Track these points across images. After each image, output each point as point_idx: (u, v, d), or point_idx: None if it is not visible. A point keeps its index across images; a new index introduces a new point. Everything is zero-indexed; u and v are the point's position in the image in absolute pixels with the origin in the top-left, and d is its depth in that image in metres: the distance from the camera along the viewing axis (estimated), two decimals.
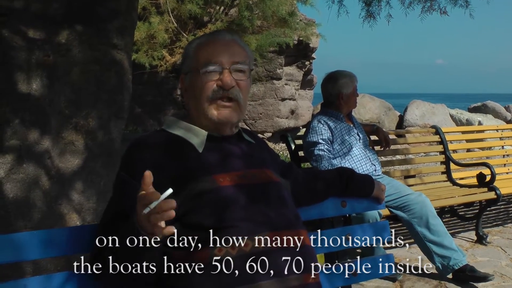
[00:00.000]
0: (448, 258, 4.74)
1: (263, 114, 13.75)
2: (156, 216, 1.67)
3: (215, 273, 1.89)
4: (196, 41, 2.31)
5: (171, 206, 1.67)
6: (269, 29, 11.43)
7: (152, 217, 1.67)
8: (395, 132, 7.02)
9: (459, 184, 6.42)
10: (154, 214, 1.67)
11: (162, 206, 1.66)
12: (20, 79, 3.14)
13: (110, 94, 3.53)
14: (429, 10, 6.57)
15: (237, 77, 2.21)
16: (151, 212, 1.66)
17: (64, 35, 3.33)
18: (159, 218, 1.67)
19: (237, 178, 2.12)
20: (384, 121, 17.43)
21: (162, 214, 1.67)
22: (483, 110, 20.54)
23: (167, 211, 1.67)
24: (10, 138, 3.09)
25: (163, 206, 1.66)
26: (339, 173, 2.76)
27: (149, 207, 1.65)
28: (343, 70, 5.36)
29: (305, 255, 2.08)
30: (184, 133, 2.21)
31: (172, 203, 1.67)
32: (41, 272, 3.05)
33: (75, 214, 3.32)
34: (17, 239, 2.01)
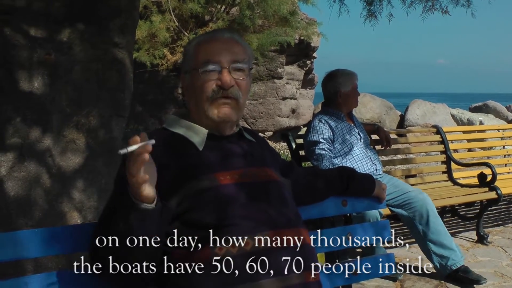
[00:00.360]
0: (447, 258, 4.76)
1: (264, 113, 13.76)
2: (135, 158, 1.69)
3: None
4: (196, 40, 2.31)
5: (147, 149, 1.69)
6: (270, 28, 11.44)
7: (130, 162, 1.71)
8: (396, 132, 7.02)
9: (460, 184, 6.43)
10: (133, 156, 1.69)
11: (140, 148, 1.68)
12: (21, 77, 3.15)
13: (112, 93, 3.54)
14: (431, 9, 6.57)
15: (237, 76, 2.20)
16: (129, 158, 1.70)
17: (65, 33, 3.34)
18: (136, 159, 1.69)
19: (238, 176, 2.12)
20: (385, 120, 17.42)
21: (139, 156, 1.69)
22: (484, 110, 20.53)
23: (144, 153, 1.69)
24: (12, 136, 3.09)
25: (141, 148, 1.68)
26: (340, 172, 2.76)
27: (127, 149, 1.67)
28: (344, 68, 5.35)
29: (305, 254, 2.08)
30: (185, 131, 2.21)
31: (148, 146, 1.69)
32: (42, 270, 3.05)
33: (76, 213, 3.32)
34: (18, 237, 2.01)
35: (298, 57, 14.64)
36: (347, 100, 5.23)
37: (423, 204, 4.82)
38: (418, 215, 4.82)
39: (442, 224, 4.89)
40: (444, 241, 4.80)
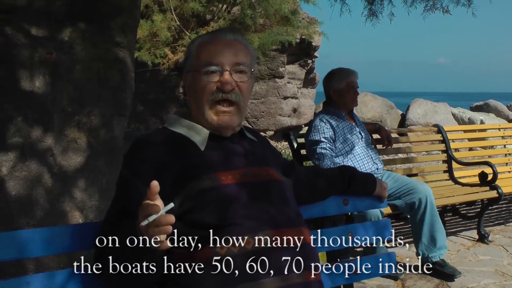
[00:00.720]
0: (431, 250, 4.90)
1: (265, 113, 13.76)
2: (154, 230, 1.67)
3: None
4: (199, 40, 2.30)
5: (169, 221, 1.66)
6: (271, 27, 11.43)
7: (150, 230, 1.67)
8: (397, 131, 7.02)
9: (461, 183, 6.42)
10: (152, 227, 1.66)
11: (161, 220, 1.65)
12: (23, 76, 3.15)
13: (113, 92, 3.54)
14: (432, 8, 6.56)
15: (238, 78, 2.19)
16: (149, 225, 1.66)
17: (67, 32, 3.34)
18: (156, 232, 1.67)
19: (239, 176, 2.12)
20: (386, 119, 17.42)
21: (159, 228, 1.66)
22: (485, 109, 20.54)
23: (165, 226, 1.66)
24: (13, 135, 3.09)
25: (162, 220, 1.66)
26: (341, 172, 2.76)
27: (148, 219, 1.65)
28: (343, 67, 5.34)
29: (306, 254, 2.08)
30: (186, 131, 2.21)
31: (171, 218, 1.66)
32: (43, 270, 3.06)
33: (78, 212, 3.33)
34: (20, 237, 2.01)
35: (299, 56, 14.63)
36: (340, 97, 5.22)
37: (425, 193, 4.90)
38: (417, 202, 4.88)
39: (438, 218, 4.97)
40: (436, 234, 4.90)
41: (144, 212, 1.67)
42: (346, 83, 5.17)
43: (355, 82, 5.21)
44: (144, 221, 1.65)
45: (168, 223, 1.66)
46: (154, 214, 1.65)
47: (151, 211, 1.65)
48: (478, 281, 4.82)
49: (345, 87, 5.18)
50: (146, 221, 1.65)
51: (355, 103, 5.28)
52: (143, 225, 1.65)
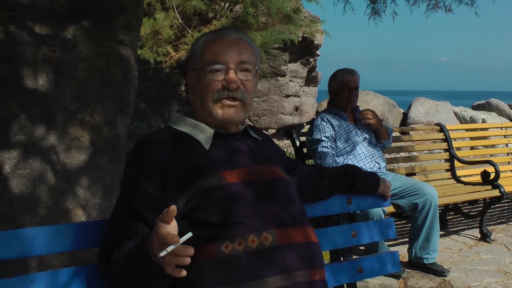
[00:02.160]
0: (424, 251, 5.00)
1: (267, 111, 13.76)
2: (171, 259, 1.66)
3: (221, 269, 1.90)
4: (203, 38, 2.30)
5: (188, 254, 1.65)
6: (273, 25, 11.42)
7: (167, 258, 1.66)
8: (400, 130, 7.02)
9: (463, 182, 6.44)
10: (170, 256, 1.65)
11: (179, 251, 1.64)
12: (26, 74, 3.15)
13: (116, 90, 3.54)
14: (434, 7, 6.56)
15: (243, 76, 2.20)
16: (167, 254, 1.65)
17: (70, 30, 3.34)
18: (174, 261, 1.66)
19: (244, 174, 2.12)
20: (388, 118, 17.44)
21: (177, 259, 1.65)
22: (487, 107, 20.57)
23: (183, 258, 1.66)
24: (16, 133, 3.09)
25: (180, 252, 1.64)
26: (345, 170, 2.76)
27: (166, 250, 1.63)
28: (346, 67, 5.34)
29: (311, 252, 2.08)
30: (190, 130, 2.21)
31: (190, 250, 1.65)
32: (46, 268, 3.06)
33: (81, 210, 3.33)
34: (23, 235, 2.02)
35: (301, 54, 14.63)
36: (336, 97, 5.23)
37: (431, 196, 4.96)
38: (422, 204, 4.93)
39: (438, 221, 5.03)
40: (432, 237, 5.00)
41: (161, 241, 1.66)
42: (340, 82, 5.19)
43: (351, 81, 5.18)
44: (163, 252, 1.63)
45: (187, 255, 1.65)
46: (172, 244, 1.63)
47: (170, 241, 1.63)
48: (480, 280, 4.83)
49: (339, 86, 5.19)
50: (165, 251, 1.63)
51: (350, 103, 5.23)
52: (161, 256, 1.64)
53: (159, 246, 1.67)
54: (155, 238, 1.71)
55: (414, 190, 4.97)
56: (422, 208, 4.91)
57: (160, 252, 1.65)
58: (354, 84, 5.19)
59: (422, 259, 4.98)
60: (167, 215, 1.67)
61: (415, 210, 4.96)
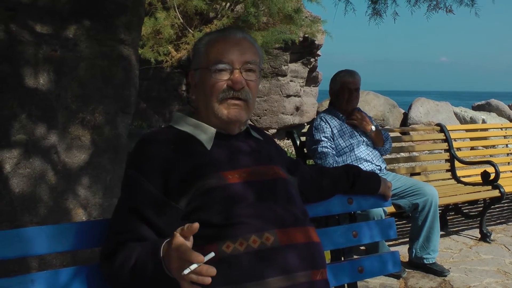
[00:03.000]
0: (425, 251, 5.01)
1: (268, 111, 13.75)
2: (192, 277, 1.65)
3: (223, 269, 1.89)
4: (207, 38, 2.29)
5: (211, 274, 1.65)
6: (274, 25, 11.41)
7: (187, 276, 1.65)
8: (400, 130, 7.01)
9: (463, 182, 6.44)
10: (191, 275, 1.65)
11: (202, 271, 1.64)
12: (27, 73, 3.15)
13: (117, 90, 3.53)
14: (435, 8, 6.55)
15: (247, 77, 2.21)
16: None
17: (71, 30, 3.33)
18: (195, 280, 1.65)
19: (246, 174, 2.12)
20: (388, 118, 17.44)
21: (198, 278, 1.65)
22: (487, 108, 20.59)
23: (206, 278, 1.65)
24: (17, 132, 3.09)
25: (203, 271, 1.65)
26: (346, 170, 2.76)
27: (190, 268, 1.63)
28: (348, 69, 5.34)
29: (312, 252, 2.08)
30: (192, 130, 2.21)
31: (213, 270, 1.65)
32: (47, 267, 3.06)
33: (81, 209, 3.32)
34: (24, 234, 2.02)
35: (302, 54, 14.62)
36: (336, 98, 5.24)
37: (432, 196, 4.97)
38: (423, 204, 4.93)
39: (438, 221, 5.05)
40: (432, 237, 5.01)
41: (183, 257, 1.66)
42: (340, 84, 5.19)
43: (351, 83, 5.18)
44: (187, 270, 1.63)
45: (209, 275, 1.65)
46: (195, 263, 1.63)
47: (194, 259, 1.63)
48: (480, 280, 4.84)
49: (339, 88, 5.19)
50: (188, 269, 1.63)
51: (350, 104, 5.23)
52: (185, 274, 1.64)
53: (178, 260, 1.68)
54: (173, 252, 1.70)
55: (414, 190, 4.97)
56: (423, 208, 4.91)
57: (181, 269, 1.64)
58: (354, 85, 5.18)
59: (422, 259, 4.99)
60: (189, 231, 1.68)
61: (415, 210, 4.97)
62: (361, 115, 5.22)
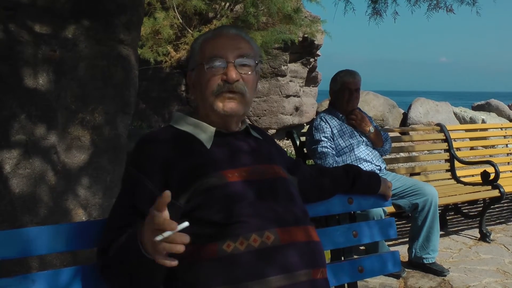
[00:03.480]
0: (424, 251, 5.02)
1: (267, 111, 13.74)
2: (165, 246, 1.64)
3: (223, 268, 1.90)
4: (202, 37, 2.32)
5: (184, 241, 1.64)
6: (274, 25, 11.41)
7: (161, 245, 1.64)
8: (400, 130, 7.01)
9: (463, 182, 6.45)
10: (164, 243, 1.63)
11: (176, 238, 1.63)
12: (26, 74, 3.14)
13: (117, 90, 3.53)
14: (435, 8, 6.55)
15: (242, 71, 2.21)
16: (161, 241, 1.63)
17: (71, 30, 3.33)
18: (168, 248, 1.64)
19: (246, 173, 2.12)
20: (388, 118, 17.43)
21: (171, 246, 1.64)
22: (486, 108, 20.61)
23: (178, 244, 1.64)
24: (17, 133, 3.09)
25: (177, 239, 1.63)
26: (346, 170, 2.75)
27: (163, 235, 1.60)
28: (348, 69, 5.33)
29: (313, 251, 2.08)
30: (192, 129, 2.21)
31: (186, 237, 1.64)
32: (47, 268, 3.05)
33: (81, 210, 3.32)
34: (24, 235, 2.02)
35: (301, 55, 14.60)
36: (337, 98, 5.24)
37: (431, 196, 4.97)
38: (422, 204, 4.94)
39: (438, 221, 5.05)
40: (432, 237, 5.02)
41: (156, 227, 1.64)
42: (340, 84, 5.18)
43: (352, 83, 5.17)
44: (159, 236, 1.61)
45: (183, 243, 1.64)
46: (169, 230, 1.61)
47: (167, 227, 1.62)
48: (480, 279, 4.84)
49: (340, 88, 5.19)
50: (161, 236, 1.61)
51: (351, 104, 5.22)
52: (157, 240, 1.62)
53: (153, 232, 1.65)
54: (148, 226, 1.69)
55: (414, 190, 4.98)
56: (422, 208, 4.92)
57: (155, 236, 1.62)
58: (354, 86, 5.17)
59: (422, 259, 4.99)
60: (160, 202, 1.64)
61: (415, 210, 4.97)
62: (361, 115, 5.22)
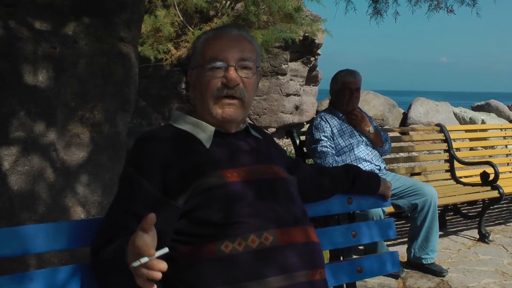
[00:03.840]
0: (423, 252, 5.02)
1: (268, 110, 13.74)
2: (143, 271, 1.59)
3: (222, 269, 1.89)
4: (204, 36, 2.29)
5: (161, 268, 1.58)
6: (275, 24, 11.41)
7: (139, 270, 1.60)
8: (400, 130, 7.00)
9: (462, 183, 6.45)
10: (142, 268, 1.59)
11: (153, 265, 1.58)
12: (26, 70, 3.14)
13: (117, 87, 3.53)
14: (436, 8, 6.56)
15: (243, 74, 2.19)
16: (140, 266, 1.58)
17: (71, 27, 3.32)
18: (145, 274, 1.59)
19: (245, 173, 2.11)
20: (388, 118, 17.43)
21: (149, 272, 1.58)
22: (486, 108, 20.61)
23: (155, 272, 1.58)
24: (16, 129, 3.08)
25: (154, 265, 1.58)
26: (346, 170, 2.75)
27: (139, 260, 1.57)
28: (348, 69, 5.33)
29: (312, 252, 2.08)
30: (191, 128, 2.20)
31: (163, 265, 1.58)
32: (45, 265, 3.05)
33: (80, 207, 3.31)
34: (22, 232, 2.01)
35: (302, 53, 14.59)
36: (337, 98, 5.23)
37: (431, 196, 4.96)
38: (422, 204, 4.93)
39: (437, 221, 5.06)
40: (431, 237, 5.02)
41: (136, 250, 1.60)
42: (341, 84, 5.18)
43: (352, 83, 5.16)
44: (136, 262, 1.57)
45: (160, 270, 1.58)
46: (147, 256, 1.57)
47: (145, 253, 1.57)
48: (479, 280, 4.84)
49: (340, 88, 5.18)
50: (138, 262, 1.57)
51: (351, 104, 5.21)
52: (133, 266, 1.58)
53: (133, 255, 1.62)
54: (130, 246, 1.66)
55: (413, 190, 4.97)
56: (422, 208, 4.91)
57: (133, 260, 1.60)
58: (355, 85, 5.17)
59: (421, 259, 4.99)
60: (145, 223, 1.60)
61: (414, 211, 4.97)
62: (361, 115, 5.21)
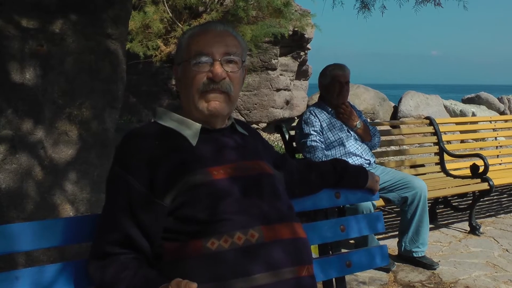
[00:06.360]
0: (414, 245, 5.03)
1: (258, 105, 13.74)
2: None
3: (208, 266, 1.89)
4: (189, 32, 2.29)
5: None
6: (264, 19, 11.39)
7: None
8: (390, 123, 7.01)
9: (452, 175, 6.46)
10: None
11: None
12: (13, 68, 3.13)
13: (104, 84, 3.52)
14: (423, 1, 6.57)
15: (229, 68, 2.18)
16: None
17: (58, 24, 3.31)
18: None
19: (231, 170, 2.10)
20: (378, 111, 17.44)
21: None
22: (476, 101, 20.66)
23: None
24: (3, 128, 3.07)
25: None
26: (333, 165, 2.75)
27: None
28: (336, 63, 5.34)
29: (299, 248, 2.07)
30: (177, 125, 2.19)
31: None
32: (34, 264, 3.04)
33: (69, 205, 3.31)
34: (10, 230, 1.99)
35: (292, 48, 14.61)
36: (327, 92, 5.24)
37: (420, 189, 4.97)
38: (412, 197, 4.94)
39: (427, 214, 5.06)
40: (422, 230, 5.02)
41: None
42: (331, 78, 5.19)
43: (342, 76, 5.18)
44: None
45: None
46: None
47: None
48: (470, 272, 4.85)
49: (330, 81, 5.19)
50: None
51: (342, 97, 5.22)
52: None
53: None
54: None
55: (403, 183, 4.98)
56: (412, 201, 4.92)
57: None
58: (345, 79, 5.18)
59: (411, 253, 5.00)
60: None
61: (404, 204, 4.97)
62: (349, 109, 5.22)
